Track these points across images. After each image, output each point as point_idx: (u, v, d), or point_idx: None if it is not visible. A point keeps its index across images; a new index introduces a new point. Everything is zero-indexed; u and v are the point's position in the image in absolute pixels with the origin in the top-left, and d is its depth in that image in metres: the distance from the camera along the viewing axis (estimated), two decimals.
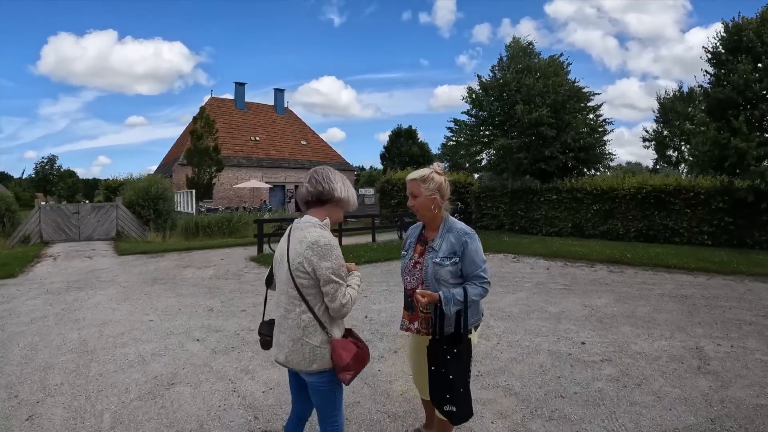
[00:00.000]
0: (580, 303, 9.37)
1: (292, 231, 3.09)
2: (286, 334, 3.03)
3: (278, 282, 3.12)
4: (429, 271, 3.55)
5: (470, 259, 3.49)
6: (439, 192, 3.59)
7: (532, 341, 7.03)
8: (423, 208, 3.62)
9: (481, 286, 3.49)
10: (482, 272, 3.51)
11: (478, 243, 3.56)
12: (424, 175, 3.60)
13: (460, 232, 3.55)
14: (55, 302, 9.85)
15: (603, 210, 21.87)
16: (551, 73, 24.41)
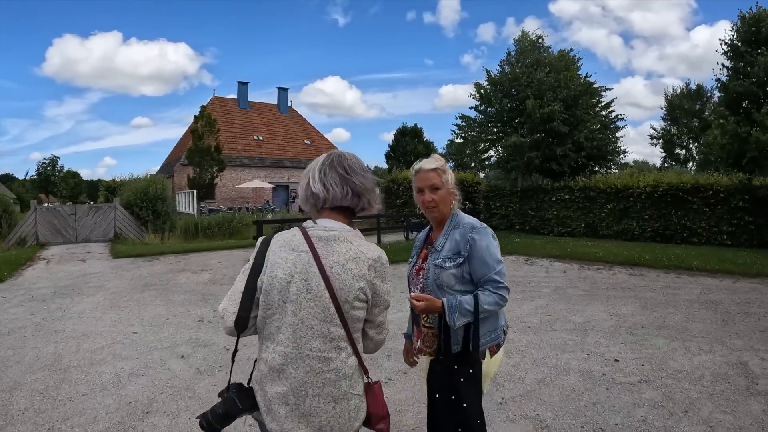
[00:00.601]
0: (604, 311, 8.62)
1: (319, 243, 2.16)
2: (323, 395, 2.10)
3: (293, 322, 2.10)
4: (429, 276, 2.91)
5: (480, 259, 2.80)
6: (456, 187, 3.04)
7: (560, 358, 6.24)
8: (444, 204, 2.97)
9: (496, 292, 2.78)
10: (496, 275, 2.79)
11: (490, 239, 2.86)
12: (442, 165, 2.98)
13: (467, 227, 2.89)
14: (38, 310, 9.27)
15: (617, 209, 21.05)
16: (562, 67, 23.61)
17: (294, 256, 2.13)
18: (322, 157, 2.34)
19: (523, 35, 25.72)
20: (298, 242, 2.15)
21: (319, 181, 2.23)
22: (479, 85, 25.70)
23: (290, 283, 2.09)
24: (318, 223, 2.22)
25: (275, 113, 54.83)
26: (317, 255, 2.11)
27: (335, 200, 2.23)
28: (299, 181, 2.37)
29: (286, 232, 2.25)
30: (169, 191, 28.11)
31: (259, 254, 2.19)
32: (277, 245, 2.19)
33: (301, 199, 2.33)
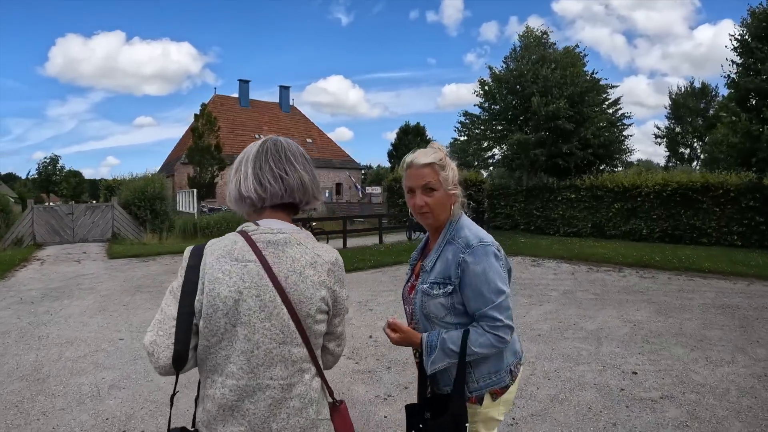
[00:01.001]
0: (617, 317, 8.16)
1: (268, 249, 1.76)
2: (288, 427, 1.74)
3: (246, 349, 1.71)
4: (417, 303, 2.37)
5: (473, 289, 2.20)
6: (458, 186, 2.41)
7: (573, 371, 5.78)
8: (441, 209, 2.35)
9: (492, 332, 2.19)
10: (494, 310, 2.19)
11: (489, 262, 2.22)
12: (441, 158, 2.36)
13: (460, 244, 2.27)
14: (25, 314, 8.91)
15: (625, 209, 20.56)
16: (568, 63, 23.16)
17: (239, 268, 1.71)
18: (254, 146, 1.91)
19: (528, 31, 25.31)
20: (242, 250, 1.74)
21: (253, 177, 1.82)
22: (483, 81, 25.27)
23: (238, 301, 1.68)
24: (261, 225, 1.81)
25: (277, 112, 54.51)
26: (267, 264, 1.73)
27: (275, 198, 1.84)
28: (229, 177, 1.96)
29: (222, 238, 1.82)
30: (170, 190, 27.76)
31: (191, 269, 1.74)
32: (214, 256, 1.74)
33: (232, 199, 1.91)
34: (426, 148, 2.44)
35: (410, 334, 2.30)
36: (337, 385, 5.48)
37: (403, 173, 2.43)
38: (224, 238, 1.80)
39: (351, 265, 13.49)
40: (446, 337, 2.21)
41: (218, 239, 1.81)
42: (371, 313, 8.58)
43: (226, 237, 1.80)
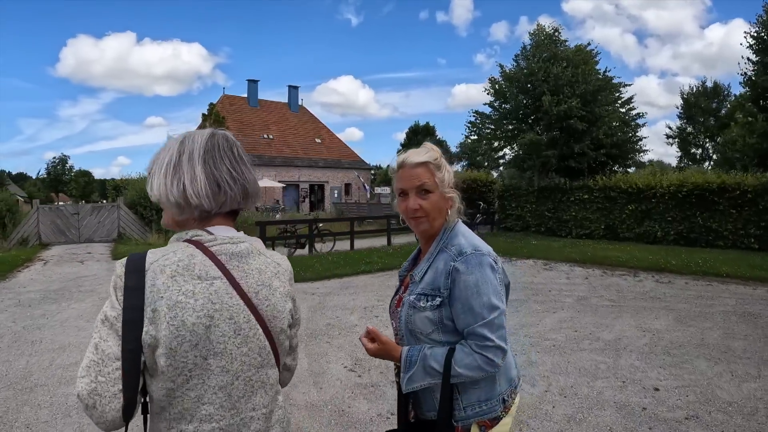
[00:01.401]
0: (635, 326, 7.77)
1: (231, 262, 1.49)
2: None
3: (225, 383, 1.45)
4: (402, 317, 2.08)
5: (463, 303, 1.92)
6: (454, 189, 2.15)
7: (592, 387, 5.40)
8: (436, 214, 2.08)
9: (481, 353, 1.89)
10: (484, 328, 1.90)
11: (482, 272, 1.95)
12: (436, 158, 2.11)
13: (453, 253, 2.00)
14: (21, 317, 8.73)
15: (639, 210, 20.00)
16: (580, 61, 22.70)
17: (204, 288, 1.42)
18: (197, 140, 1.55)
19: (538, 28, 24.84)
20: (203, 265, 1.45)
21: (206, 179, 1.49)
22: (494, 80, 24.84)
23: (210, 328, 1.41)
24: (216, 234, 1.52)
25: (285, 111, 54.21)
26: (234, 280, 1.48)
27: (233, 203, 1.56)
28: (154, 172, 1.54)
29: (168, 250, 1.46)
30: None
31: (132, 293, 1.38)
32: (166, 275, 1.40)
33: (171, 204, 1.51)
34: (419, 147, 2.16)
35: (389, 346, 2.04)
36: (337, 400, 5.14)
37: (394, 175, 2.17)
38: (172, 250, 1.46)
39: (358, 268, 13.19)
40: (428, 354, 1.95)
41: (163, 251, 1.46)
42: (377, 320, 8.24)
43: (176, 249, 1.46)
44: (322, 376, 5.80)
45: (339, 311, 8.87)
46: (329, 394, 5.30)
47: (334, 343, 7.05)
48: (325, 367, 6.07)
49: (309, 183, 48.88)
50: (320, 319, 8.36)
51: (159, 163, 1.52)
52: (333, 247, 17.69)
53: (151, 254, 1.43)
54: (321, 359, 6.37)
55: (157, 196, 1.51)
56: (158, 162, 1.52)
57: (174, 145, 1.53)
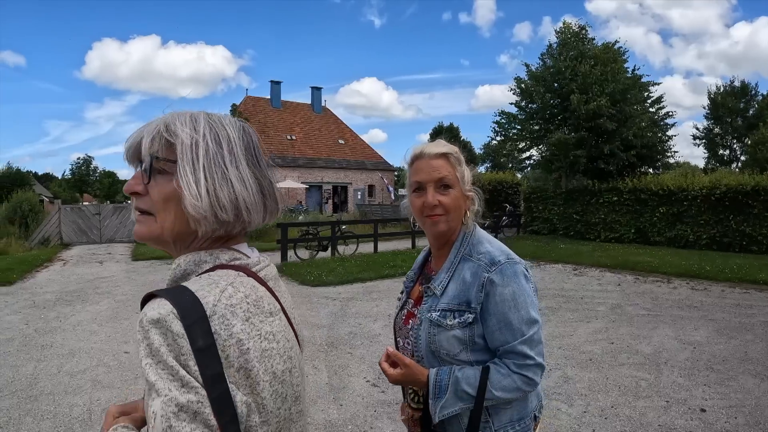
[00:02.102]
0: (674, 337, 7.30)
1: (276, 288, 1.22)
2: None
3: (301, 424, 1.22)
4: (422, 337, 1.78)
5: (500, 318, 1.68)
6: (475, 188, 1.93)
7: (634, 407, 4.94)
8: (456, 213, 1.83)
9: (520, 372, 1.67)
10: (524, 345, 1.68)
11: (518, 283, 1.71)
12: (456, 150, 1.89)
13: (483, 261, 1.75)
14: (34, 319, 8.56)
15: (670, 213, 19.34)
16: (608, 59, 22.12)
17: (278, 325, 1.14)
18: (232, 130, 1.14)
19: (565, 26, 24.35)
20: (267, 297, 1.14)
21: (255, 182, 1.14)
22: (519, 80, 24.36)
23: (291, 371, 1.15)
24: (252, 256, 1.19)
25: (309, 113, 54.13)
26: (284, 309, 1.22)
27: (271, 217, 1.22)
28: (191, 163, 1.05)
29: (221, 283, 1.04)
30: None
31: (207, 357, 0.96)
32: (240, 318, 1.03)
33: (212, 213, 1.06)
34: (435, 141, 1.91)
35: (414, 369, 1.73)
36: (358, 419, 4.78)
37: (408, 168, 1.90)
38: (227, 282, 1.06)
39: (381, 272, 12.81)
40: (460, 376, 1.68)
41: (213, 284, 1.03)
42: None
43: (229, 280, 1.07)
44: (342, 391, 5.45)
45: (361, 318, 8.52)
46: (350, 412, 4.95)
47: (356, 353, 6.70)
48: (346, 382, 5.71)
49: (332, 184, 48.73)
50: (342, 326, 8.02)
51: (185, 149, 1.07)
52: (356, 250, 17.37)
53: (204, 291, 1.01)
54: (342, 372, 6.02)
55: (192, 198, 1.04)
56: (180, 148, 1.07)
57: (200, 127, 1.10)
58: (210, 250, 1.13)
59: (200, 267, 1.10)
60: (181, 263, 1.11)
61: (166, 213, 1.08)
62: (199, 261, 1.11)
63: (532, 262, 14.90)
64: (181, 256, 1.12)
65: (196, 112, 1.14)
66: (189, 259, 1.11)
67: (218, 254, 1.12)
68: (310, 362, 6.33)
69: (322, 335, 7.54)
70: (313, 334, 7.59)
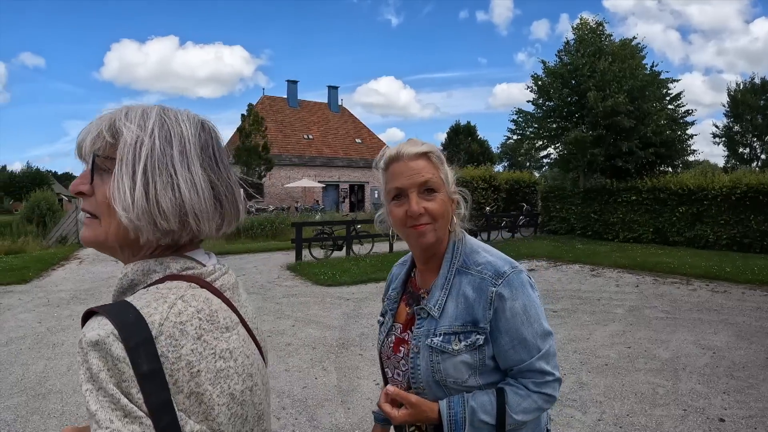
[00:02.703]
0: (693, 342, 7.11)
1: (234, 299, 1.11)
2: None
3: (264, 429, 1.14)
4: (422, 366, 1.55)
5: (514, 335, 1.51)
6: (460, 190, 1.70)
7: (650, 416, 4.79)
8: (445, 221, 1.59)
9: (540, 391, 1.52)
10: (542, 360, 1.52)
11: (526, 294, 1.54)
12: (437, 148, 1.64)
13: (486, 273, 1.55)
14: (47, 318, 8.57)
15: (690, 213, 19.00)
16: (626, 56, 21.79)
17: (236, 340, 1.04)
18: (187, 126, 1.03)
19: (582, 22, 24.02)
20: (223, 311, 1.04)
21: (211, 185, 1.04)
22: (536, 77, 24.12)
23: (252, 390, 1.06)
24: (208, 263, 1.08)
25: (325, 112, 54.20)
26: (244, 320, 1.12)
27: (227, 225, 1.10)
28: (122, 166, 0.95)
29: (171, 298, 0.94)
30: None
31: (153, 382, 0.86)
32: (192, 336, 0.93)
33: (151, 219, 0.95)
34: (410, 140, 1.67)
35: (422, 407, 1.51)
36: (366, 424, 4.69)
37: (382, 173, 1.66)
38: (176, 296, 0.95)
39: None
40: (475, 406, 1.48)
41: (161, 299, 0.93)
42: None
43: (179, 293, 0.96)
44: (351, 394, 5.36)
45: (374, 319, 8.38)
46: (358, 416, 4.85)
47: (367, 355, 6.60)
48: (356, 384, 5.62)
49: (349, 183, 48.74)
50: (354, 327, 7.94)
51: (127, 148, 0.96)
52: (371, 250, 17.27)
53: (150, 308, 0.91)
54: (351, 374, 5.92)
55: (123, 204, 0.94)
56: (122, 146, 0.97)
57: (149, 123, 0.99)
58: (160, 258, 1.02)
59: (149, 277, 1.00)
60: (128, 272, 1.02)
61: (111, 217, 0.98)
62: (148, 270, 1.01)
63: (549, 262, 14.80)
64: (129, 265, 1.03)
65: (150, 107, 1.03)
66: (137, 268, 1.01)
67: (169, 263, 1.02)
68: (320, 363, 6.27)
69: (334, 336, 7.46)
70: (324, 334, 7.52)
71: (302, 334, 7.57)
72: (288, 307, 9.33)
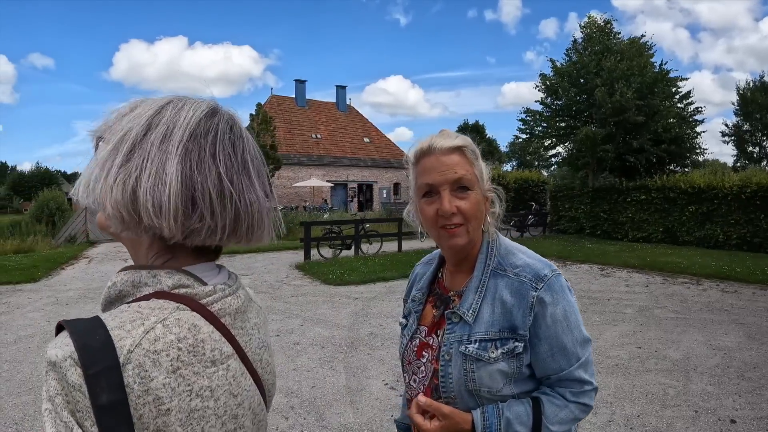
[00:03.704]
0: (704, 342, 7.05)
1: (235, 325, 0.97)
2: None
3: None
4: (453, 374, 1.45)
5: (554, 342, 1.42)
6: (495, 187, 1.58)
7: (661, 417, 4.74)
8: (478, 221, 1.49)
9: (577, 401, 1.45)
10: (581, 369, 1.44)
11: (566, 299, 1.46)
12: (471, 142, 1.53)
13: (526, 278, 1.45)
14: (55, 316, 8.58)
15: (699, 212, 18.86)
16: (634, 53, 21.65)
17: (222, 377, 0.91)
18: (190, 112, 0.93)
19: (590, 20, 23.94)
20: (213, 341, 0.90)
21: (183, 180, 0.86)
22: (545, 76, 24.06)
23: None
24: (210, 282, 0.96)
25: (333, 111, 54.19)
26: (243, 350, 0.97)
27: (209, 235, 0.91)
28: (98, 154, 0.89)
29: (151, 320, 0.83)
30: None
31: (112, 417, 0.76)
32: (166, 369, 0.81)
33: (108, 210, 0.85)
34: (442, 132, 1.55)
35: (455, 418, 1.41)
36: (374, 424, 4.66)
37: (413, 167, 1.55)
38: (157, 318, 0.84)
39: (405, 272, 12.55)
40: (511, 417, 1.39)
41: (138, 321, 0.82)
42: None
43: (161, 315, 0.85)
44: (359, 394, 5.33)
45: (383, 318, 8.40)
46: (366, 416, 4.83)
47: (375, 354, 6.58)
48: (364, 384, 5.60)
49: (357, 183, 48.70)
50: (362, 326, 7.92)
51: (108, 137, 0.90)
52: (380, 249, 17.23)
53: (123, 330, 0.80)
54: (360, 374, 5.90)
55: (85, 198, 0.88)
56: (109, 134, 0.91)
57: (146, 111, 0.92)
58: (154, 270, 0.92)
59: (138, 290, 0.91)
60: (117, 282, 0.92)
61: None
62: (138, 282, 0.91)
63: (558, 262, 14.69)
64: (120, 273, 0.93)
65: (171, 96, 1.00)
66: (126, 278, 0.92)
67: (162, 277, 0.91)
68: (328, 363, 6.25)
69: (342, 335, 7.45)
70: (333, 334, 7.51)
71: (311, 333, 7.56)
72: (296, 306, 9.33)
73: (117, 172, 0.84)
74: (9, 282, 11.83)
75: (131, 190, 0.83)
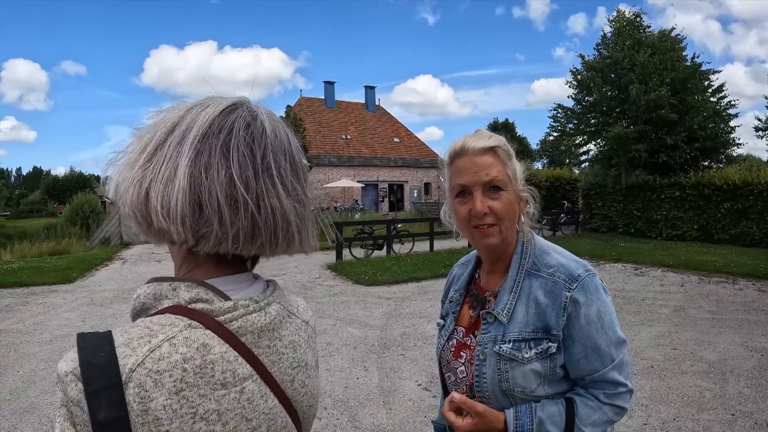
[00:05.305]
0: (741, 343, 6.92)
1: (261, 344, 0.91)
2: None
3: None
4: (487, 372, 1.47)
5: (587, 343, 1.43)
6: (529, 187, 1.59)
7: (697, 421, 4.68)
8: (511, 221, 1.50)
9: (612, 403, 1.44)
10: (615, 371, 1.43)
11: (601, 300, 1.46)
12: (505, 142, 1.55)
13: (560, 278, 1.46)
14: (90, 316, 8.82)
15: (735, 209, 18.40)
16: (667, 47, 21.31)
17: (234, 400, 0.86)
18: (210, 111, 0.90)
19: (618, 14, 23.56)
20: (225, 362, 0.85)
21: (191, 183, 0.83)
22: (576, 71, 23.78)
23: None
24: (234, 296, 0.92)
25: (362, 112, 54.22)
26: (267, 371, 0.92)
27: (219, 242, 0.86)
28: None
29: (158, 338, 0.81)
30: None
31: (103, 414, 0.75)
32: (168, 390, 0.79)
33: (130, 213, 0.87)
34: (476, 132, 1.57)
35: (488, 416, 1.42)
36: (407, 425, 4.68)
37: (447, 168, 1.58)
38: (166, 336, 0.82)
39: (437, 271, 12.58)
40: (544, 417, 1.40)
41: (144, 338, 0.81)
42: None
43: (170, 333, 0.83)
44: (392, 394, 5.36)
45: (415, 319, 8.41)
46: (400, 417, 4.85)
47: (409, 355, 6.60)
48: (397, 384, 5.62)
49: (388, 183, 48.67)
50: (395, 327, 7.94)
51: (136, 141, 0.90)
52: (412, 249, 17.23)
53: (129, 348, 0.80)
54: (393, 374, 5.93)
55: (116, 198, 0.89)
56: (137, 140, 0.90)
57: (177, 112, 0.91)
58: (175, 282, 0.89)
59: (159, 303, 0.89)
60: (141, 294, 0.91)
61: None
62: (159, 295, 0.89)
63: (591, 261, 14.48)
64: (144, 284, 0.92)
65: (202, 99, 0.98)
66: (149, 290, 0.90)
67: (181, 291, 0.88)
68: (361, 363, 6.30)
69: (375, 336, 7.48)
70: (366, 334, 7.55)
71: (343, 333, 7.60)
72: (329, 306, 9.39)
73: (137, 172, 0.84)
74: (45, 283, 12.10)
75: (145, 192, 0.83)
